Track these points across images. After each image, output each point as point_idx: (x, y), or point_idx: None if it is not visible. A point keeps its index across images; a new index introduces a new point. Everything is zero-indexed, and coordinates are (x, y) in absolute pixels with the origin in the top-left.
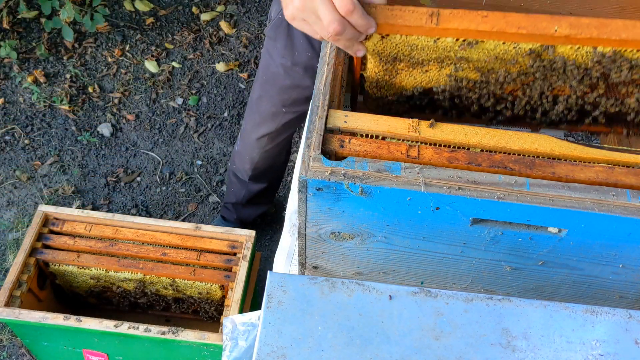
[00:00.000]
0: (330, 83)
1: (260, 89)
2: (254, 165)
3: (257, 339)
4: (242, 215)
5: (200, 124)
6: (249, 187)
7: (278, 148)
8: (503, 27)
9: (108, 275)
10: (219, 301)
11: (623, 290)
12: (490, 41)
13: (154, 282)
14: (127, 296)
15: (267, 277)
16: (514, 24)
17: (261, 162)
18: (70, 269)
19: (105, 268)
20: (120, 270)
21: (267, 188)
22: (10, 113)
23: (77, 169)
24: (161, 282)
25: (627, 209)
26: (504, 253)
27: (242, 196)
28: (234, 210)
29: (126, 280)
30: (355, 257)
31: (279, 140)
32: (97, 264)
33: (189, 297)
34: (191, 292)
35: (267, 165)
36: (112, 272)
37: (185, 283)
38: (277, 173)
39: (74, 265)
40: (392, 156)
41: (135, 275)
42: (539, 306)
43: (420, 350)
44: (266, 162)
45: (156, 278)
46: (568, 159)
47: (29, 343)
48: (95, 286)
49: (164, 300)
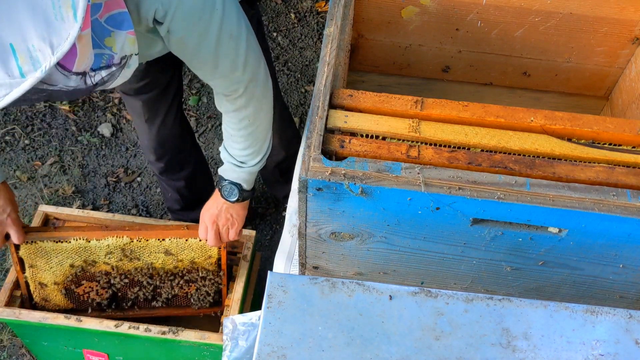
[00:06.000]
0: (330, 83)
1: None
2: (157, 154)
3: (258, 339)
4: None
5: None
6: (170, 184)
7: (166, 129)
8: (482, 115)
9: (89, 248)
10: (215, 276)
11: (623, 290)
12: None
13: (141, 248)
14: (110, 286)
15: (267, 277)
16: (493, 113)
17: (159, 147)
18: (45, 245)
19: (86, 237)
20: (103, 237)
21: (189, 177)
22: (10, 113)
23: (77, 169)
24: (150, 248)
25: (627, 209)
26: (504, 253)
27: (176, 197)
28: (185, 215)
29: (110, 254)
30: (356, 257)
31: (158, 122)
32: (77, 233)
33: (182, 270)
34: (185, 255)
35: (167, 148)
36: (93, 242)
37: (178, 243)
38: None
39: (51, 239)
40: (392, 156)
41: (120, 240)
42: (539, 306)
43: (420, 350)
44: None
45: (144, 241)
46: (568, 159)
47: (29, 343)
48: (73, 278)
49: (152, 285)
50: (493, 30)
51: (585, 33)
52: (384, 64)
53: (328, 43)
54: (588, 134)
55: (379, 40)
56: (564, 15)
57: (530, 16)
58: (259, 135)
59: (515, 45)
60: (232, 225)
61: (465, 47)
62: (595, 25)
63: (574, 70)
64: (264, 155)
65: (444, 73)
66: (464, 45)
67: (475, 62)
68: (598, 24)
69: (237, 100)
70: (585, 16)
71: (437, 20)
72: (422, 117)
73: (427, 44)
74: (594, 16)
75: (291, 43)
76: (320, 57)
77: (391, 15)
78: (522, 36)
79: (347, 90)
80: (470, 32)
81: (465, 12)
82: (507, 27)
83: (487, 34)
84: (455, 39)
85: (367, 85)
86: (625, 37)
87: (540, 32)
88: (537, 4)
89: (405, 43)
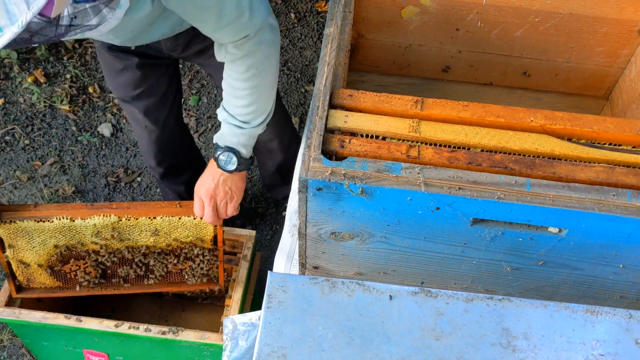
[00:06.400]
0: (330, 83)
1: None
2: (157, 159)
3: (258, 339)
4: None
5: (201, 124)
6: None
7: (166, 133)
8: (482, 115)
9: (74, 227)
10: (210, 254)
11: (623, 290)
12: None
13: (131, 227)
14: (98, 264)
15: (268, 277)
16: (493, 113)
17: (159, 153)
18: (26, 225)
19: (70, 215)
20: (88, 216)
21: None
22: (10, 113)
23: (77, 169)
24: (140, 226)
25: (627, 209)
26: (505, 253)
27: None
28: None
29: (97, 234)
30: (356, 257)
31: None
32: (59, 212)
33: (175, 248)
34: (178, 234)
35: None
36: (78, 221)
37: (170, 221)
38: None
39: (31, 218)
40: (393, 156)
41: (107, 218)
42: (539, 306)
43: (420, 350)
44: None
45: (134, 220)
46: (568, 159)
47: (29, 343)
48: (59, 257)
49: (144, 264)
50: (493, 30)
51: (585, 33)
52: (384, 64)
53: (328, 43)
54: (588, 134)
55: (379, 40)
56: (564, 15)
57: (530, 16)
58: (264, 90)
59: (515, 45)
60: (231, 199)
61: (465, 47)
62: (595, 25)
63: (574, 70)
64: (267, 115)
65: (444, 73)
66: (464, 45)
67: (475, 62)
68: (598, 24)
69: (245, 45)
70: (585, 16)
71: (437, 20)
72: (422, 117)
73: (427, 44)
74: (594, 16)
75: (291, 43)
76: (320, 57)
77: (391, 15)
78: (522, 36)
79: (347, 90)
80: (470, 32)
81: (465, 12)
82: (507, 27)
83: (487, 34)
84: (455, 39)
85: (367, 85)
86: (625, 37)
87: (540, 32)
88: (537, 4)
89: (405, 43)
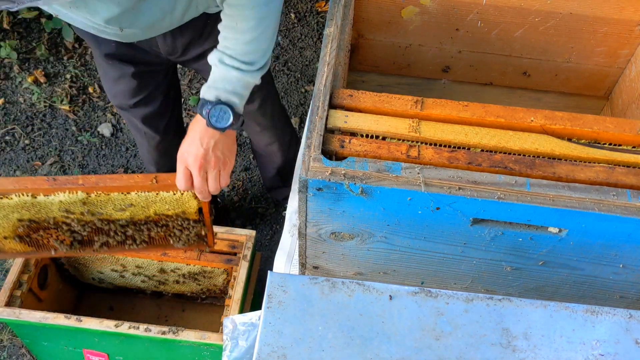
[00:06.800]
0: (330, 83)
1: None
2: (157, 165)
3: (258, 339)
4: None
5: None
6: None
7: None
8: (482, 115)
9: (37, 204)
10: (196, 224)
11: (623, 290)
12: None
13: (103, 203)
14: (72, 233)
15: (268, 277)
16: (493, 113)
17: (159, 159)
18: None
19: (31, 192)
20: (52, 192)
21: None
22: (10, 113)
23: (77, 169)
24: (113, 202)
25: (627, 209)
26: (505, 253)
27: None
28: None
29: (66, 210)
30: (356, 257)
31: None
32: (17, 189)
33: (155, 219)
34: (157, 207)
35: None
36: (41, 197)
37: (147, 197)
38: None
39: None
40: (393, 156)
41: (74, 195)
42: (539, 306)
43: (420, 350)
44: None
45: (104, 195)
46: (568, 159)
47: (29, 343)
48: (25, 229)
49: (122, 233)
50: (493, 30)
51: (585, 33)
52: (384, 64)
53: (328, 43)
54: (588, 134)
55: (379, 40)
56: (564, 15)
57: (530, 16)
58: (269, 24)
59: (515, 45)
60: (224, 166)
61: (465, 47)
62: (595, 25)
63: (574, 70)
64: (268, 59)
65: (444, 73)
66: (464, 45)
67: (475, 62)
68: (598, 24)
69: None
70: (585, 16)
71: (437, 20)
72: (422, 117)
73: (427, 44)
74: (594, 16)
75: (291, 43)
76: (320, 57)
77: (391, 15)
78: (522, 36)
79: (347, 90)
80: (470, 32)
81: (465, 12)
82: (507, 27)
83: (487, 34)
84: (455, 39)
85: (367, 85)
86: (625, 37)
87: (540, 32)
88: (537, 4)
89: (405, 43)
